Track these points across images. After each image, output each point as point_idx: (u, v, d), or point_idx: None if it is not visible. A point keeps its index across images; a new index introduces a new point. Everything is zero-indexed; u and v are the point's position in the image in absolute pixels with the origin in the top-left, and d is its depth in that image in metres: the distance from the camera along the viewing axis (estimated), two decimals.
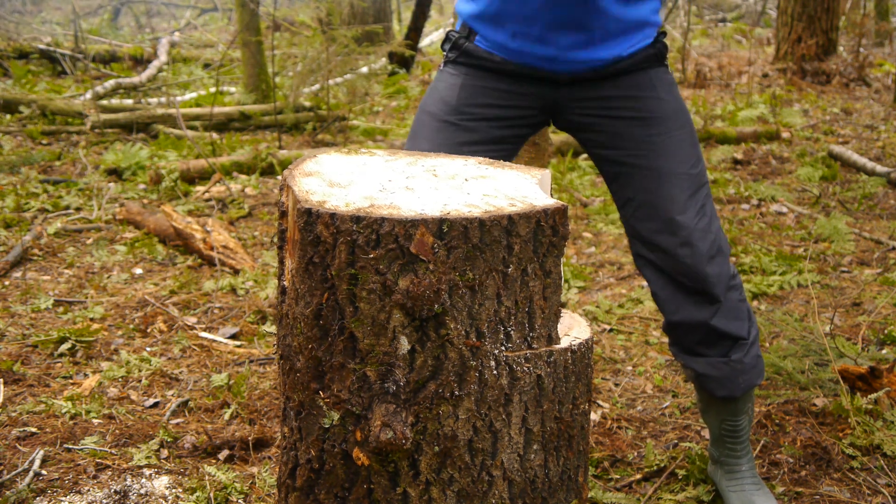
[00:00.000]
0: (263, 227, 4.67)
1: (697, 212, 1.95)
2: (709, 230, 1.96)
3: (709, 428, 2.25)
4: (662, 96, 1.99)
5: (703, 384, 2.09)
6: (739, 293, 2.03)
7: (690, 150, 1.99)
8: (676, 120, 1.99)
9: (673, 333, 2.06)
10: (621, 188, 2.01)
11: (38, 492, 2.24)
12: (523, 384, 1.37)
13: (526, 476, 1.41)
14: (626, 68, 1.96)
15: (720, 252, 1.97)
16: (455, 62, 2.03)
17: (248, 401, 2.74)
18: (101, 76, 8.92)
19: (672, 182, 1.94)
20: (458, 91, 1.99)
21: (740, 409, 2.15)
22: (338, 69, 7.19)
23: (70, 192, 5.10)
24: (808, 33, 9.50)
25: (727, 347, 2.02)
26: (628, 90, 1.98)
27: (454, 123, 1.97)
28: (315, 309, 1.34)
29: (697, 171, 1.98)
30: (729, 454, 2.21)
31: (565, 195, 5.12)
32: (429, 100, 2.04)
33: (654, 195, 1.94)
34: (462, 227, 1.28)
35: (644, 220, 1.97)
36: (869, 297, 3.62)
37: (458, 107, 1.97)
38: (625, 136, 1.97)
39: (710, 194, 2.02)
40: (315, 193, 1.36)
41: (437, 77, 2.07)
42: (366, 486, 1.38)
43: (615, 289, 3.79)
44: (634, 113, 1.97)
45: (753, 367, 2.07)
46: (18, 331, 3.26)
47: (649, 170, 1.95)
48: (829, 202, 5.07)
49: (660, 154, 1.95)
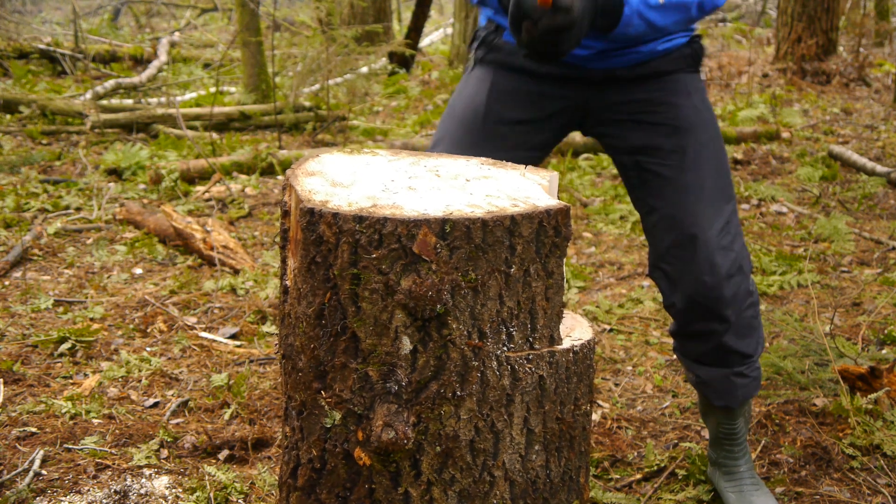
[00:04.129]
0: (263, 227, 4.67)
1: (722, 229, 1.89)
2: (731, 248, 1.90)
3: (708, 430, 2.25)
4: (697, 105, 1.93)
5: (702, 390, 2.09)
6: (754, 310, 1.98)
7: (719, 163, 1.93)
8: (708, 131, 1.93)
9: (680, 342, 2.04)
10: (645, 197, 1.95)
11: (38, 492, 2.24)
12: (525, 385, 1.37)
13: (527, 476, 1.41)
14: (660, 69, 1.90)
15: (740, 271, 1.91)
16: (483, 62, 1.98)
17: (248, 401, 2.74)
18: (101, 76, 8.92)
19: (698, 196, 1.88)
20: (487, 96, 1.93)
21: (737, 415, 2.15)
22: (338, 69, 7.19)
23: (70, 192, 5.09)
24: (808, 33, 9.50)
25: (732, 363, 2.01)
26: (662, 95, 1.91)
27: (483, 129, 1.91)
28: (317, 308, 1.34)
29: (725, 185, 1.92)
30: (727, 455, 2.21)
31: (565, 195, 5.12)
32: (457, 104, 1.98)
33: (679, 209, 1.88)
34: (465, 227, 1.28)
35: (666, 232, 1.91)
36: (869, 297, 3.62)
37: (488, 112, 1.92)
38: (655, 144, 1.91)
39: (736, 210, 1.96)
40: (318, 193, 1.36)
41: (464, 79, 2.02)
42: (367, 486, 1.38)
43: (615, 289, 3.79)
44: (667, 120, 1.91)
45: (753, 380, 2.06)
46: (18, 331, 3.26)
47: (677, 182, 1.89)
48: (829, 202, 5.08)
49: (689, 166, 1.89)
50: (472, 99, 1.95)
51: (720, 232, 1.88)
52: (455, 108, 1.97)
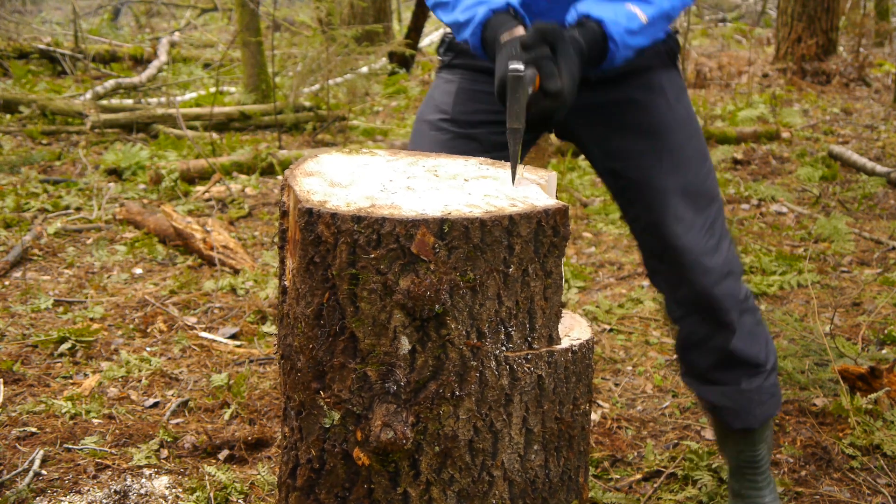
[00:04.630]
0: (263, 227, 4.67)
1: (706, 231, 1.83)
2: (717, 250, 1.83)
3: (727, 460, 2.12)
4: (672, 103, 1.84)
5: (718, 416, 1.98)
6: (754, 316, 1.92)
7: (700, 163, 1.85)
8: (685, 130, 1.85)
9: (686, 359, 1.96)
10: (628, 205, 1.89)
11: (38, 492, 2.24)
12: (524, 384, 1.37)
13: (526, 476, 1.41)
14: (633, 66, 1.79)
15: (731, 273, 1.85)
16: (450, 66, 1.93)
17: (248, 401, 2.74)
18: (101, 76, 8.92)
19: (679, 200, 1.81)
20: (454, 98, 1.88)
21: (759, 439, 2.03)
22: (338, 69, 7.19)
23: (70, 192, 5.09)
24: (808, 33, 9.50)
25: (742, 374, 1.92)
26: (636, 94, 1.83)
27: (452, 132, 1.86)
28: (316, 309, 1.34)
29: (707, 186, 1.85)
30: (750, 486, 2.08)
31: (565, 195, 5.11)
32: (425, 108, 1.94)
33: (660, 214, 1.82)
34: (463, 227, 1.28)
35: (652, 238, 1.85)
36: (869, 297, 3.62)
37: (455, 115, 1.87)
38: (630, 147, 1.83)
39: (722, 209, 1.88)
40: (316, 193, 1.36)
41: (433, 84, 1.98)
42: (366, 486, 1.38)
43: (615, 289, 3.79)
44: (641, 122, 1.83)
45: (772, 397, 1.96)
46: (18, 331, 3.26)
47: (655, 186, 1.82)
48: (829, 202, 5.08)
49: (667, 170, 1.82)
50: (440, 103, 1.90)
51: (704, 234, 1.82)
52: (424, 113, 1.93)
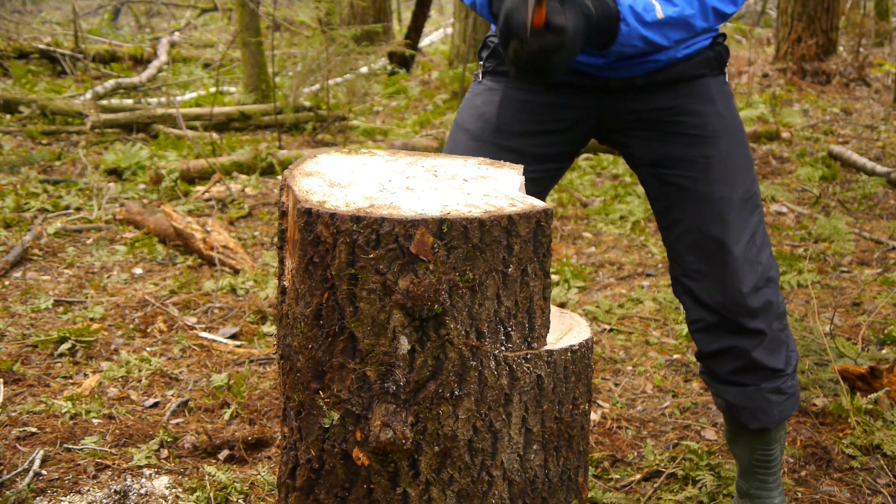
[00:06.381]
0: (263, 227, 4.67)
1: (749, 241, 1.80)
2: (758, 260, 1.82)
3: (737, 459, 2.11)
4: (721, 111, 1.82)
5: (734, 415, 1.96)
6: (782, 322, 1.90)
7: (746, 172, 1.84)
8: (734, 139, 1.83)
9: (706, 361, 1.94)
10: (668, 209, 1.86)
11: (38, 492, 2.24)
12: (523, 384, 1.37)
13: (526, 476, 1.41)
14: (682, 74, 1.79)
15: (769, 282, 1.84)
16: (494, 73, 1.88)
17: (248, 401, 2.74)
18: (101, 76, 8.92)
19: (725, 208, 1.79)
20: (499, 108, 1.83)
21: (773, 439, 2.02)
22: (338, 69, 7.19)
23: (70, 192, 5.10)
24: (808, 33, 9.50)
25: (763, 378, 1.90)
26: (685, 101, 1.81)
27: (495, 144, 1.81)
28: (315, 309, 1.34)
29: (752, 195, 1.83)
30: (760, 486, 2.06)
31: (565, 195, 5.12)
32: (466, 116, 1.88)
33: (705, 221, 1.79)
34: (462, 227, 1.28)
35: (690, 246, 1.83)
36: (869, 297, 3.62)
37: (500, 125, 1.82)
38: (679, 155, 1.81)
39: (763, 219, 1.86)
40: (315, 193, 1.36)
41: (472, 90, 1.91)
42: (366, 486, 1.38)
43: (615, 289, 3.79)
44: (691, 129, 1.81)
45: (790, 397, 1.95)
46: (18, 331, 3.26)
47: (702, 194, 1.80)
48: (829, 202, 5.07)
49: (715, 177, 1.79)
50: (483, 112, 1.86)
51: (747, 244, 1.80)
52: (465, 122, 1.87)
